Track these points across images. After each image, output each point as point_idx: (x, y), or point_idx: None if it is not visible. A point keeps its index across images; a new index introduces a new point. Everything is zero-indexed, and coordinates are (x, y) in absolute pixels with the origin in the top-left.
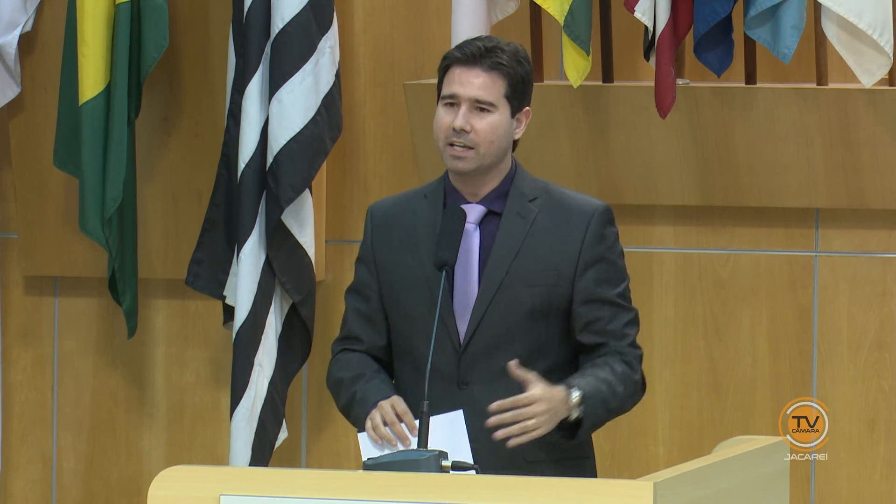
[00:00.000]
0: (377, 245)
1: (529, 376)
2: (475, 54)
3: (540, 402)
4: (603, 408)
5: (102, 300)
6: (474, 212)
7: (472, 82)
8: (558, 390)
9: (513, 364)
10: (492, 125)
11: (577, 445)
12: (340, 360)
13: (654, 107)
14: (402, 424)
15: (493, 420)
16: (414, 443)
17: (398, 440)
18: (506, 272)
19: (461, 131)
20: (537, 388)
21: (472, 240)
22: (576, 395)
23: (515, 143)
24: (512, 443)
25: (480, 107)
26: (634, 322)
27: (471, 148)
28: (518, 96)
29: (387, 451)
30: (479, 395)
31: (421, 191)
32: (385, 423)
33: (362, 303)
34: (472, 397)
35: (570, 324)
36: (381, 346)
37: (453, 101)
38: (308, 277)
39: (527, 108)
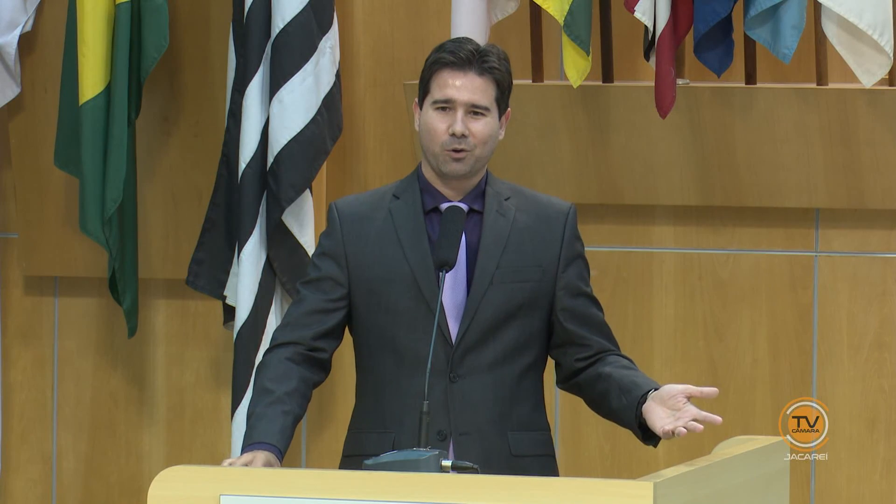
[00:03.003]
0: (349, 241)
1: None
2: (468, 58)
3: None
4: None
5: (102, 300)
6: None
7: (468, 87)
8: None
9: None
10: (487, 128)
11: (549, 443)
12: (267, 363)
13: (654, 107)
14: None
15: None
16: None
17: None
18: (496, 266)
19: (462, 136)
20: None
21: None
22: None
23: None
24: (691, 426)
25: (475, 111)
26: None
27: (468, 151)
28: (504, 99)
29: None
30: (468, 387)
31: (388, 190)
32: None
33: (317, 295)
34: (461, 389)
35: (553, 318)
36: (309, 339)
37: (447, 106)
38: None
39: (508, 109)
